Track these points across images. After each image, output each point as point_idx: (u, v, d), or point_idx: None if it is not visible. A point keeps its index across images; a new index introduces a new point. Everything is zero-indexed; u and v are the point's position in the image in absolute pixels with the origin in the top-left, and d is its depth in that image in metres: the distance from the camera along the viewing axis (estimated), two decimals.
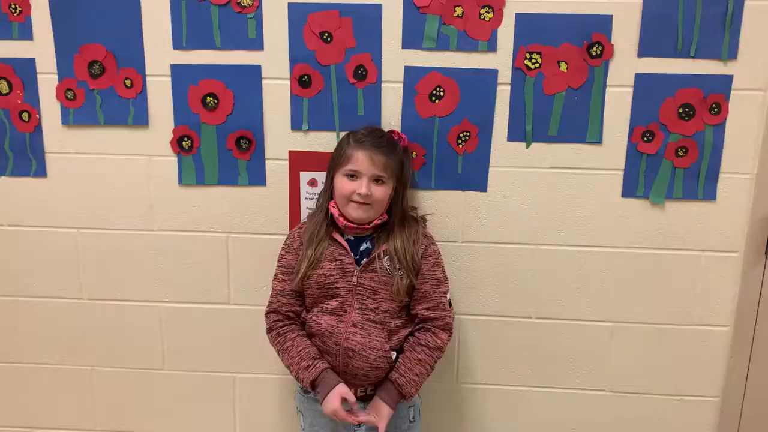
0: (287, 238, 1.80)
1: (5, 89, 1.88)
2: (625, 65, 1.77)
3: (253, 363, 2.04)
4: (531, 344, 1.98)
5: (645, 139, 1.81)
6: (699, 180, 1.83)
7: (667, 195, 1.84)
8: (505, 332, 1.97)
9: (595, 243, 1.89)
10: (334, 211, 1.69)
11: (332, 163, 1.71)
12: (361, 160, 1.64)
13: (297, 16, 1.79)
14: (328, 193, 1.73)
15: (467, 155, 1.85)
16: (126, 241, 1.98)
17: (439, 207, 1.89)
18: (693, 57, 1.75)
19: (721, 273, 1.89)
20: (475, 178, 1.87)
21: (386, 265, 1.66)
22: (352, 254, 1.68)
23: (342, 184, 1.66)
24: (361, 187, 1.63)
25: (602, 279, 1.92)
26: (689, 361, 1.96)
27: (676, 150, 1.81)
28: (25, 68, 1.87)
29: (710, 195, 1.84)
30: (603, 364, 1.98)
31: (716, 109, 1.77)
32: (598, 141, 1.82)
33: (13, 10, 1.83)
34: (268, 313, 1.75)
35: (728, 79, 1.76)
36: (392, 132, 1.77)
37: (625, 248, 1.89)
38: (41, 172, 1.94)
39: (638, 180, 1.84)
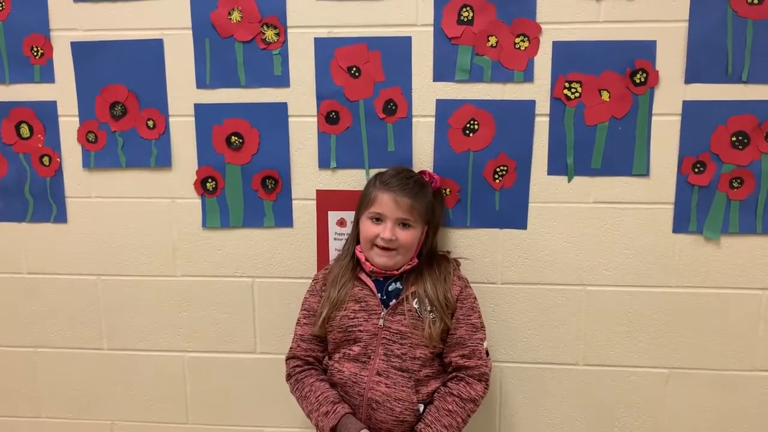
0: (312, 280, 1.75)
1: (26, 133, 1.85)
2: (672, 92, 1.69)
3: (281, 416, 1.96)
4: (578, 393, 1.87)
5: (696, 170, 1.71)
6: (757, 212, 1.72)
7: (722, 229, 1.74)
8: (549, 381, 1.88)
9: (645, 283, 1.79)
10: (361, 256, 1.64)
11: (359, 205, 1.67)
12: (385, 202, 1.58)
13: (324, 51, 1.75)
14: (355, 236, 1.68)
15: (505, 191, 1.76)
16: (148, 287, 1.93)
17: (475, 247, 1.81)
18: (745, 82, 1.67)
19: None
20: (513, 215, 1.78)
21: (415, 307, 1.58)
22: (379, 295, 1.61)
23: (366, 227, 1.61)
24: (385, 231, 1.57)
25: (654, 321, 1.81)
26: (754, 410, 1.83)
27: (730, 181, 1.71)
28: (47, 111, 1.84)
29: None
30: (658, 414, 1.86)
31: None
32: (645, 173, 1.73)
33: (35, 53, 1.81)
34: (288, 359, 1.70)
35: None
36: (423, 173, 1.70)
37: (679, 288, 1.79)
38: (61, 217, 1.90)
39: (690, 214, 1.74)
